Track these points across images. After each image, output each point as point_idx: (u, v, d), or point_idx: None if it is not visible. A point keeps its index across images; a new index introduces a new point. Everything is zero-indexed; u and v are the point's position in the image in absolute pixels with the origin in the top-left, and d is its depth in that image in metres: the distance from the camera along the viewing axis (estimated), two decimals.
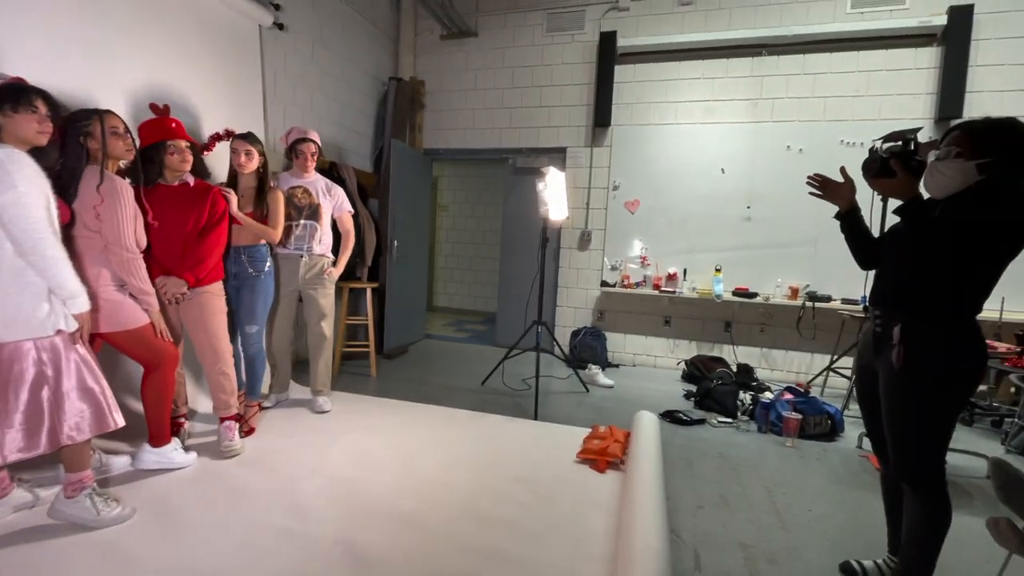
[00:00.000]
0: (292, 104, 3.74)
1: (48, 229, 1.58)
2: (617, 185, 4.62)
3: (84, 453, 1.74)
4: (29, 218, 1.53)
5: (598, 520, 1.93)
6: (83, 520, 1.72)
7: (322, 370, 2.98)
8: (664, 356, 4.62)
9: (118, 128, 1.90)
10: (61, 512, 1.72)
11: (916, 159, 1.43)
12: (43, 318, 1.60)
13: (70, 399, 1.67)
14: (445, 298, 7.54)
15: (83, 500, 1.72)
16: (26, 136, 1.61)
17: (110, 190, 1.85)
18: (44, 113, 1.65)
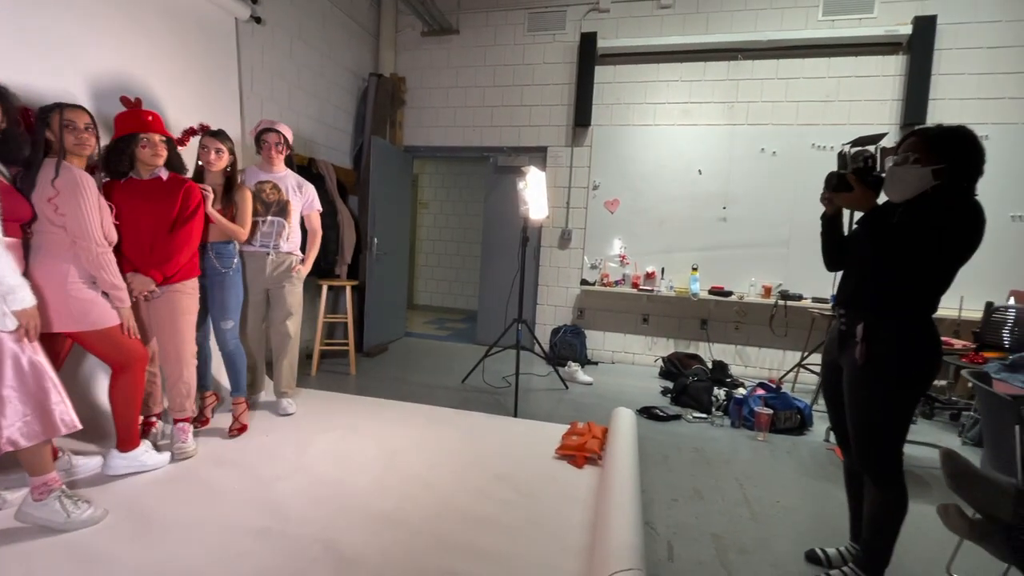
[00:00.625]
0: (269, 99, 3.69)
1: None
2: (597, 185, 4.67)
3: (42, 456, 1.69)
4: None
5: (576, 514, 1.97)
6: (53, 523, 1.68)
7: (286, 371, 2.92)
8: (642, 353, 4.70)
9: (75, 122, 1.83)
10: (29, 515, 1.68)
11: (873, 175, 1.52)
12: None
13: (10, 403, 1.59)
14: (426, 296, 7.52)
15: (52, 503, 1.68)
16: None
17: (68, 182, 1.79)
18: None
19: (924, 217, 1.36)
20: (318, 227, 3.00)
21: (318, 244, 3.01)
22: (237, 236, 2.49)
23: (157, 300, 2.19)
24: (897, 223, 1.40)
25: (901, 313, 1.44)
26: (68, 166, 1.82)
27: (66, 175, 1.79)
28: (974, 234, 1.35)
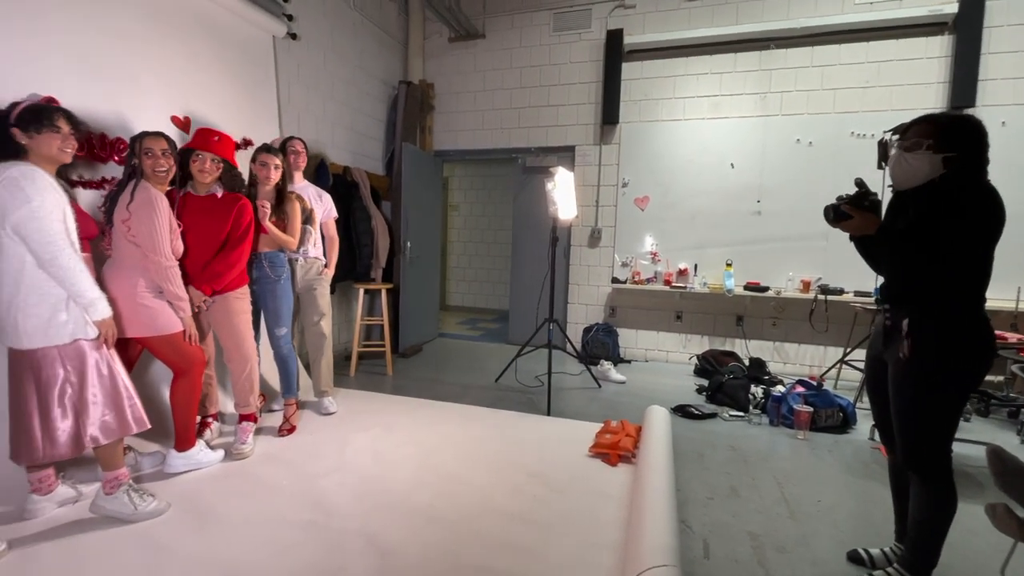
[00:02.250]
0: (305, 112, 3.84)
1: (64, 240, 1.66)
2: (626, 182, 4.64)
3: (116, 453, 1.85)
4: (44, 230, 1.62)
5: (610, 511, 1.98)
6: (121, 514, 1.82)
7: (324, 370, 3.02)
8: (676, 351, 4.64)
9: (152, 149, 2.00)
10: (101, 507, 1.83)
11: (868, 200, 1.54)
12: (61, 326, 1.69)
13: (94, 404, 1.76)
14: (458, 297, 7.63)
15: (121, 496, 1.83)
16: (50, 154, 1.71)
17: (143, 203, 1.96)
18: (67, 131, 1.75)
19: (941, 204, 1.35)
20: (335, 234, 3.11)
21: (336, 249, 3.12)
22: (289, 245, 2.61)
23: (213, 306, 2.34)
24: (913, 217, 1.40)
25: (944, 307, 1.41)
26: (145, 187, 1.98)
27: (141, 196, 1.96)
28: (994, 216, 1.33)
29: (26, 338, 1.65)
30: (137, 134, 2.05)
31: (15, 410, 1.70)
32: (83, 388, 1.74)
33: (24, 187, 1.60)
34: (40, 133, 1.68)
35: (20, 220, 1.60)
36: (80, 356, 1.74)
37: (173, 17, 2.70)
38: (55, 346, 1.69)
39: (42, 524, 1.78)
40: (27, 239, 1.61)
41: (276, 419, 2.80)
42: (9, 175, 1.61)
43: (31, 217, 1.60)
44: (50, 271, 1.65)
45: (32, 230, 1.60)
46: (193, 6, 2.81)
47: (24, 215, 1.60)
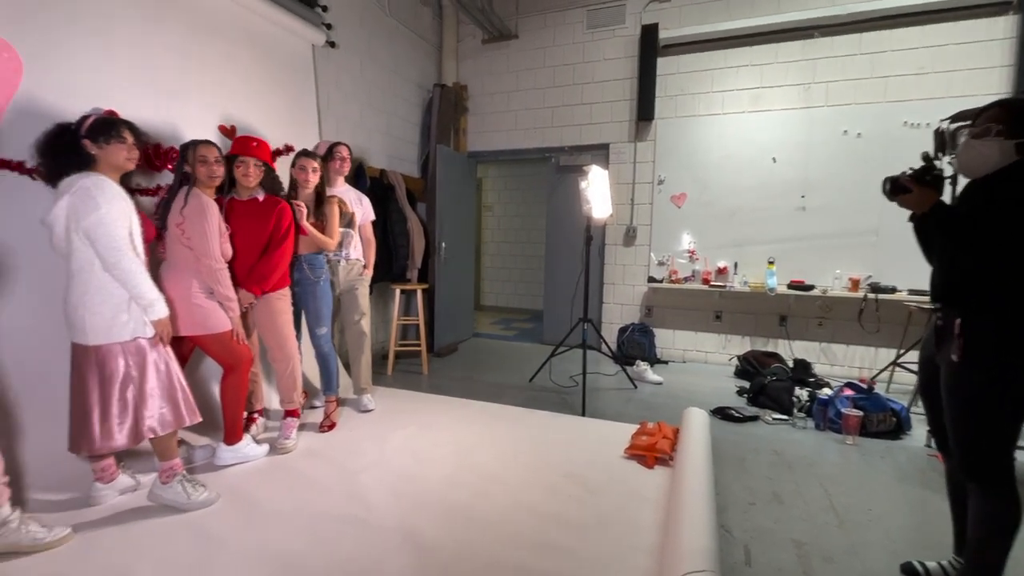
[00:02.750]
0: (343, 118, 3.95)
1: (128, 245, 1.78)
2: (662, 179, 4.56)
3: (171, 444, 1.96)
4: (110, 236, 1.74)
5: (646, 514, 1.95)
6: (176, 503, 1.93)
7: (364, 368, 3.10)
8: (715, 352, 4.52)
9: (207, 156, 2.13)
10: (158, 496, 1.94)
11: (931, 174, 1.43)
12: (122, 325, 1.80)
13: (152, 397, 1.87)
14: (492, 297, 7.67)
15: (175, 485, 1.94)
16: (117, 163, 1.84)
17: (195, 209, 2.08)
18: (131, 142, 1.87)
19: (1010, 192, 1.26)
20: (371, 236, 3.17)
21: (374, 250, 3.19)
22: (327, 246, 2.70)
23: (256, 307, 2.45)
24: (979, 205, 1.31)
25: (1001, 306, 1.31)
26: (197, 193, 2.10)
27: (193, 202, 2.08)
28: None
29: (92, 335, 1.77)
30: (188, 142, 2.16)
31: (76, 402, 1.82)
32: (142, 382, 1.85)
33: (95, 195, 1.73)
34: (109, 144, 1.81)
35: (90, 226, 1.72)
36: (140, 353, 1.85)
37: (220, 30, 2.83)
38: (117, 343, 1.80)
39: (105, 510, 1.91)
40: (95, 243, 1.73)
41: (317, 415, 2.89)
42: (82, 184, 1.73)
43: (99, 223, 1.72)
44: (114, 273, 1.77)
45: (100, 235, 1.73)
46: (239, 19, 2.93)
47: (94, 221, 1.72)
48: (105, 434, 1.81)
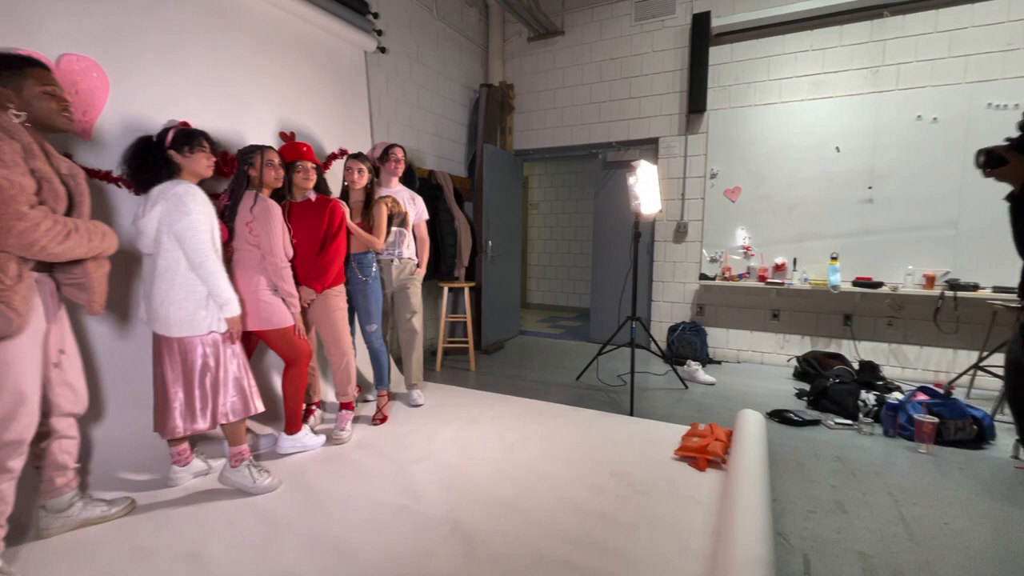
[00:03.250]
0: (394, 120, 4.06)
1: (211, 248, 1.94)
2: (715, 173, 4.40)
3: (240, 431, 2.10)
4: (198, 240, 1.90)
5: (697, 517, 1.90)
6: (243, 486, 2.07)
7: (415, 365, 3.18)
8: (772, 352, 4.32)
9: (274, 160, 2.27)
10: (228, 479, 2.08)
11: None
12: (201, 320, 1.96)
13: (225, 387, 2.02)
14: (538, 295, 7.67)
15: (243, 469, 2.07)
16: (198, 170, 2.00)
17: (263, 210, 2.21)
18: (209, 150, 2.02)
19: None
20: (426, 235, 3.24)
21: (427, 249, 3.26)
22: (374, 245, 2.80)
23: (313, 304, 2.57)
24: None
25: None
26: (263, 197, 2.24)
27: (261, 205, 2.22)
28: None
29: (175, 327, 1.93)
30: (250, 147, 2.28)
31: (160, 390, 1.99)
32: (217, 373, 2.00)
33: (187, 202, 1.89)
34: (193, 153, 1.97)
35: (181, 230, 1.88)
36: (216, 345, 2.00)
37: (279, 40, 2.98)
38: (197, 336, 1.96)
39: (180, 491, 2.06)
40: (184, 245, 1.90)
41: (370, 409, 3.01)
42: (175, 192, 1.90)
43: (190, 227, 1.88)
44: (198, 273, 1.93)
45: (188, 238, 1.89)
46: (295, 28, 3.08)
47: (185, 225, 1.88)
48: (186, 418, 1.97)
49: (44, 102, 1.53)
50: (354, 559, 1.65)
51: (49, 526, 1.73)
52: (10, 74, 1.48)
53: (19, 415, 1.46)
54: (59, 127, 1.60)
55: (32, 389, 1.51)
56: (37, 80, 1.52)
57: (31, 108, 1.51)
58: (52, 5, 2.03)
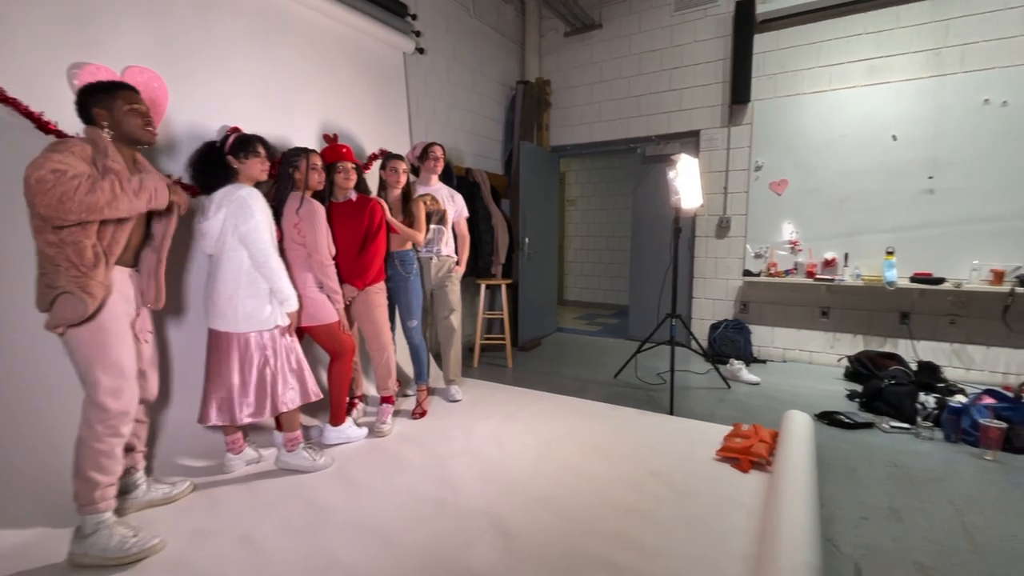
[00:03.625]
0: (432, 120, 4.12)
1: (272, 247, 2.06)
2: (760, 165, 4.25)
3: (296, 418, 2.23)
4: (261, 240, 2.02)
5: (740, 519, 1.85)
6: (300, 466, 2.20)
7: (453, 361, 3.23)
8: (821, 352, 4.14)
9: (317, 164, 2.35)
10: (285, 462, 2.22)
11: None
12: (267, 316, 2.09)
13: (284, 377, 2.14)
14: (575, 292, 7.62)
15: (300, 452, 2.22)
16: (254, 175, 2.11)
17: (308, 212, 2.30)
18: (264, 155, 2.13)
19: None
20: (466, 232, 3.27)
21: (468, 246, 3.29)
22: (415, 239, 2.85)
23: (355, 301, 2.65)
24: None
25: None
26: (308, 198, 2.33)
27: (307, 206, 2.31)
28: None
29: (243, 323, 2.05)
30: (295, 150, 2.36)
31: (217, 381, 2.10)
32: (277, 364, 2.12)
33: (251, 205, 2.01)
34: (249, 158, 2.08)
35: (246, 231, 2.00)
36: (275, 339, 2.13)
37: (322, 45, 3.08)
38: (260, 330, 2.08)
39: (233, 478, 2.17)
40: (249, 246, 2.01)
41: (410, 403, 3.07)
42: (239, 196, 2.01)
43: (254, 229, 2.00)
44: (262, 272, 2.05)
45: (252, 240, 2.00)
46: (337, 33, 3.17)
47: (250, 227, 2.00)
48: (245, 407, 2.09)
49: (131, 118, 1.69)
50: (395, 548, 1.70)
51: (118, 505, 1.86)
52: (104, 96, 1.65)
53: (123, 388, 1.64)
54: (143, 140, 1.75)
55: (130, 366, 1.68)
56: (125, 100, 1.68)
57: (120, 125, 1.68)
58: (118, 22, 2.17)
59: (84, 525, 1.60)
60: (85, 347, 1.59)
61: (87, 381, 1.61)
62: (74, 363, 1.62)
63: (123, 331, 1.67)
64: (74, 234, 1.53)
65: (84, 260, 1.54)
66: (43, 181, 1.42)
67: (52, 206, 1.43)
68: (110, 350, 1.62)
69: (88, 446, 1.60)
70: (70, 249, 1.52)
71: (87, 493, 1.59)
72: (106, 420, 1.61)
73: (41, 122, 1.93)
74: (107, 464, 1.61)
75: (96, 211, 1.51)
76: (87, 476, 1.59)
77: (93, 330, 1.59)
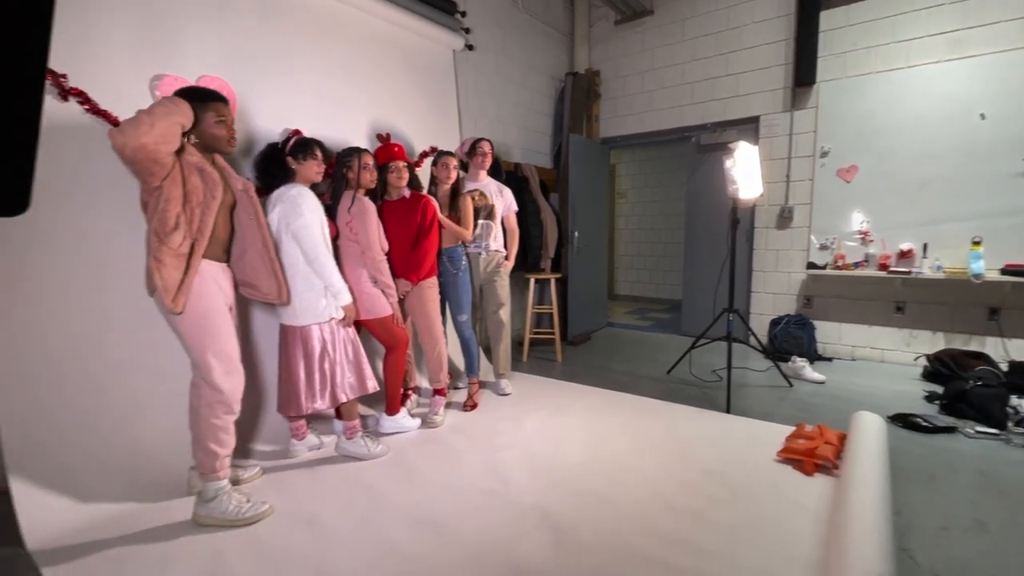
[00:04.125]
0: (481, 116, 4.15)
1: (323, 244, 2.15)
2: (826, 151, 3.99)
3: (354, 407, 2.34)
4: (311, 236, 2.11)
5: (804, 524, 1.76)
6: (358, 454, 2.31)
7: (502, 355, 3.26)
8: (896, 349, 3.86)
9: (369, 163, 2.43)
10: (344, 449, 2.33)
11: None
12: (323, 309, 2.18)
13: (343, 368, 2.24)
14: (626, 286, 7.49)
15: (358, 440, 2.32)
16: (310, 176, 2.21)
17: (360, 209, 2.38)
18: (320, 158, 2.22)
19: None
20: (515, 226, 3.28)
21: (517, 241, 3.29)
22: (463, 237, 2.90)
23: (408, 295, 2.72)
24: None
25: None
26: (359, 197, 2.42)
27: (358, 204, 2.39)
28: None
29: (301, 316, 2.17)
30: (349, 150, 2.44)
31: (286, 373, 2.23)
32: (335, 356, 2.23)
33: (300, 203, 2.11)
34: (306, 160, 2.19)
35: (296, 228, 2.10)
36: (333, 331, 2.23)
37: (373, 45, 3.16)
38: (317, 323, 2.19)
39: (296, 463, 2.30)
40: (301, 243, 2.12)
41: (461, 395, 3.13)
42: (290, 195, 2.12)
43: (304, 226, 2.10)
44: (314, 267, 2.14)
45: (304, 236, 2.11)
46: (388, 33, 3.25)
47: (300, 224, 2.10)
48: (310, 398, 2.20)
49: (217, 130, 1.82)
50: (447, 537, 1.74)
51: (198, 484, 2.01)
52: (199, 104, 1.76)
53: (232, 371, 1.82)
54: (223, 151, 1.90)
55: (236, 352, 1.86)
56: (216, 112, 1.82)
57: (204, 134, 1.80)
58: (190, 33, 2.32)
59: (206, 490, 1.79)
60: (197, 336, 1.75)
61: (201, 365, 1.78)
62: (187, 350, 1.79)
63: (226, 320, 1.84)
64: (165, 202, 1.66)
65: (166, 227, 1.66)
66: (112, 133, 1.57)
67: (125, 132, 1.54)
68: (219, 338, 1.79)
69: (208, 422, 1.78)
70: (156, 220, 1.66)
71: (209, 463, 1.78)
72: (222, 400, 1.79)
73: None
74: (224, 438, 1.80)
75: (144, 129, 1.56)
76: (208, 448, 1.78)
77: (201, 320, 1.75)
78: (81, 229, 1.97)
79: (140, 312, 2.00)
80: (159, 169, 1.64)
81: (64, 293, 1.93)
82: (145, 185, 1.68)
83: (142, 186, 1.69)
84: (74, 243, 1.96)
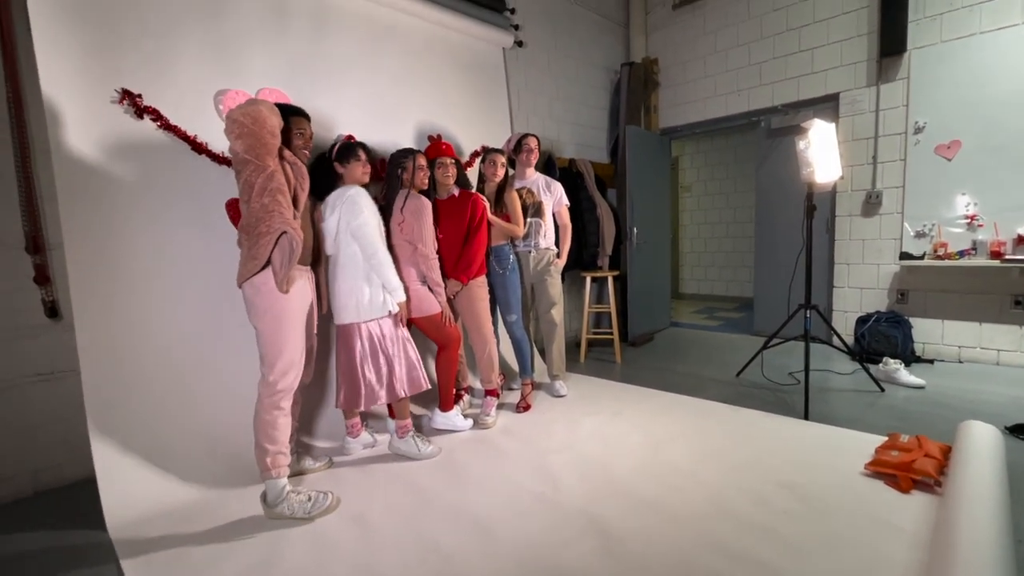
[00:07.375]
0: (532, 113, 4.09)
1: (380, 241, 2.19)
2: (921, 127, 3.55)
3: (407, 406, 2.35)
4: (369, 235, 2.15)
5: (898, 548, 1.52)
6: (410, 453, 2.31)
7: (556, 356, 3.16)
8: (1013, 350, 3.34)
9: (423, 164, 2.45)
10: (396, 447, 2.35)
11: None
12: (380, 305, 2.22)
13: (400, 365, 2.27)
14: (692, 284, 7.11)
15: (409, 439, 2.32)
16: (356, 178, 2.25)
17: (415, 208, 2.40)
18: (365, 160, 2.26)
19: None
20: (567, 221, 3.16)
21: (569, 237, 3.18)
22: (515, 233, 2.84)
23: (458, 295, 2.70)
24: None
25: None
26: (414, 195, 2.44)
27: (412, 202, 2.41)
28: None
29: (363, 311, 2.21)
30: (402, 151, 2.48)
31: (347, 370, 2.27)
32: (391, 353, 2.26)
33: (359, 202, 2.17)
34: (350, 162, 2.24)
35: (356, 227, 2.15)
36: (390, 328, 2.27)
37: (423, 48, 3.19)
38: (376, 319, 2.23)
39: (351, 460, 2.34)
40: (359, 240, 2.17)
41: (514, 397, 3.07)
42: (349, 195, 2.18)
43: (363, 224, 2.15)
44: (371, 263, 2.19)
45: (363, 235, 2.16)
46: (437, 35, 3.27)
47: (360, 223, 2.15)
48: (370, 393, 2.24)
49: (294, 140, 2.01)
50: (493, 539, 1.68)
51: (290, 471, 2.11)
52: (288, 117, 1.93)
53: (289, 371, 1.89)
54: (300, 161, 2.01)
55: (299, 353, 1.93)
56: (296, 125, 2.02)
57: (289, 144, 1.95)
58: (251, 47, 2.44)
59: (266, 489, 1.86)
60: (271, 334, 1.85)
61: (265, 362, 1.87)
62: (259, 344, 1.88)
63: (299, 323, 1.93)
64: (278, 181, 1.80)
65: (288, 202, 1.81)
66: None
67: (250, 114, 1.73)
68: (287, 338, 1.87)
69: (259, 418, 1.86)
70: (279, 194, 1.78)
71: (261, 459, 1.85)
72: (271, 395, 1.85)
73: (195, 144, 2.25)
74: (272, 434, 1.85)
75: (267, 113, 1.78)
76: (260, 444, 1.85)
77: (280, 320, 1.85)
78: (159, 233, 2.14)
79: (216, 308, 2.20)
80: (276, 143, 1.79)
81: (148, 294, 2.11)
82: (260, 163, 1.77)
83: (252, 166, 1.78)
84: (156, 247, 2.13)
